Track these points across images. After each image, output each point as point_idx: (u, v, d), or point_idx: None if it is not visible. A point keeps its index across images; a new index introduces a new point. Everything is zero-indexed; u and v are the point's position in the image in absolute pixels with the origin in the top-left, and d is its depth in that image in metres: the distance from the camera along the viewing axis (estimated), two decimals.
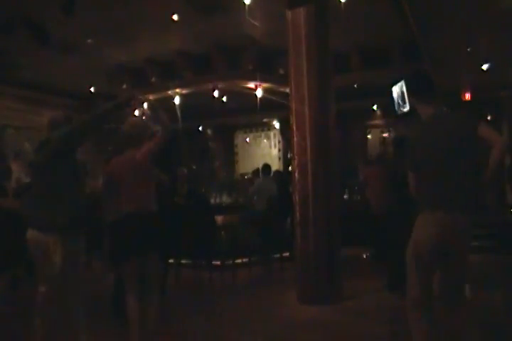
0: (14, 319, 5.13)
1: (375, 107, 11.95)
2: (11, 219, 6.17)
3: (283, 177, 9.28)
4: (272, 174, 8.99)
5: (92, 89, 10.90)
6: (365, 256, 8.30)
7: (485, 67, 9.18)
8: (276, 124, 13.61)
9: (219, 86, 9.71)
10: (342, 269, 5.71)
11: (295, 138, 5.67)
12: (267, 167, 8.78)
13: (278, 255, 7.68)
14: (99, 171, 4.81)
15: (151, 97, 10.38)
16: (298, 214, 5.64)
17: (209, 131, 14.66)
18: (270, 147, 14.19)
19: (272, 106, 10.41)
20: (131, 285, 3.76)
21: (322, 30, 5.72)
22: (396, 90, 9.80)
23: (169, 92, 10.00)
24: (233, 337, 4.52)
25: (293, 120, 5.70)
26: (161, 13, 7.23)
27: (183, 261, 7.39)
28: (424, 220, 3.05)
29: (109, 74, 10.26)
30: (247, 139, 14.51)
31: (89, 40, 8.32)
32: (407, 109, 9.52)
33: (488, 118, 12.20)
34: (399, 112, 9.88)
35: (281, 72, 9.36)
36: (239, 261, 7.53)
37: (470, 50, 8.54)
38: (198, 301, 5.89)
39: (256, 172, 10.02)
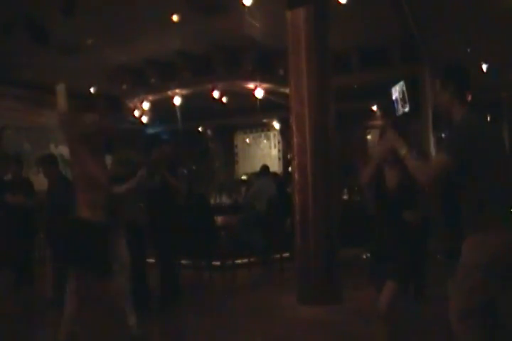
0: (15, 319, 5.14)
1: (374, 108, 11.94)
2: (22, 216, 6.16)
3: (280, 179, 9.31)
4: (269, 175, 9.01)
5: (92, 89, 10.89)
6: (364, 257, 8.29)
7: (485, 67, 9.18)
8: (276, 125, 13.59)
9: (219, 86, 9.70)
10: (342, 269, 5.71)
11: (295, 139, 5.67)
12: (265, 168, 8.81)
13: (278, 255, 7.68)
14: None
15: (150, 98, 10.39)
16: (298, 214, 5.64)
17: (209, 132, 14.65)
18: (270, 147, 14.18)
19: (272, 106, 10.40)
20: None
21: (322, 31, 5.72)
22: (396, 90, 9.80)
23: (169, 93, 10.00)
24: (233, 337, 4.52)
25: (293, 120, 5.70)
26: (160, 14, 7.23)
27: (184, 262, 7.39)
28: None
29: (109, 74, 10.25)
30: (247, 140, 14.50)
31: (89, 41, 8.31)
32: (407, 109, 9.53)
33: (488, 118, 12.20)
34: (399, 112, 9.89)
35: (281, 72, 9.36)
36: (239, 261, 7.53)
37: (470, 51, 8.53)
38: (198, 301, 5.89)
39: (254, 174, 10.07)
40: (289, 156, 11.99)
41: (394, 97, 9.87)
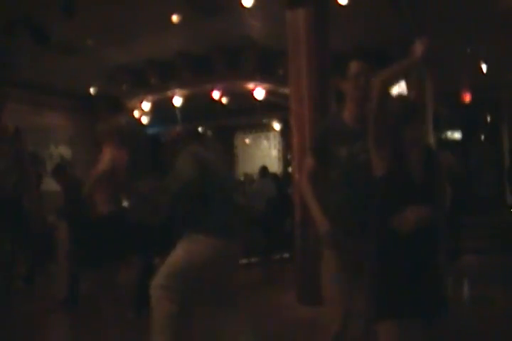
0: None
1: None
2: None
3: (279, 179, 9.31)
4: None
5: (92, 90, 10.90)
6: None
7: (484, 68, 9.18)
8: (276, 125, 13.59)
9: (219, 87, 9.71)
10: None
11: (295, 139, 5.67)
12: (265, 169, 8.82)
13: (278, 255, 7.68)
14: None
15: (150, 98, 10.39)
16: (298, 214, 5.64)
17: (209, 132, 14.65)
18: (270, 148, 14.16)
19: (272, 107, 10.40)
20: None
21: (322, 31, 5.72)
22: (396, 90, 9.79)
23: (169, 93, 10.00)
24: (233, 337, 4.50)
25: (293, 121, 5.70)
26: (161, 14, 7.23)
27: None
28: None
29: (109, 74, 10.25)
30: (247, 140, 14.50)
31: (89, 41, 8.32)
32: None
33: (488, 119, 12.22)
34: None
35: (281, 72, 9.36)
36: None
37: (470, 51, 8.53)
38: (198, 301, 5.87)
39: (251, 175, 10.09)
40: (289, 157, 11.99)
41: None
